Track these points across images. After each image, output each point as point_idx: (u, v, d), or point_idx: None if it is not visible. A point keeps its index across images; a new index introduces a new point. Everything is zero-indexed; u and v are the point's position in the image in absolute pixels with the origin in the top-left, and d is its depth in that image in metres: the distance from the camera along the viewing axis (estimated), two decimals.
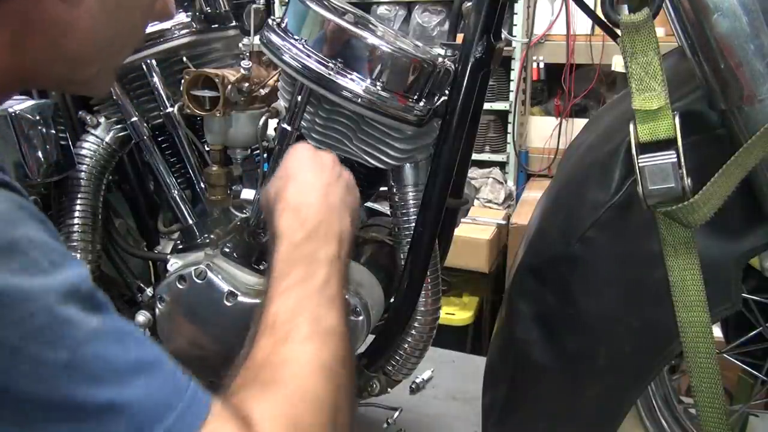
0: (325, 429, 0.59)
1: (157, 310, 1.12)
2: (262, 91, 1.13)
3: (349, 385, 0.66)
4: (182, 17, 1.16)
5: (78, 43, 0.59)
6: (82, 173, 1.20)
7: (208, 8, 1.18)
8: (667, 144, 0.74)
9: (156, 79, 1.17)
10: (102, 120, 1.21)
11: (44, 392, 0.43)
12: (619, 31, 0.74)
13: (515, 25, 3.00)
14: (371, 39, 0.93)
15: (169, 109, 1.18)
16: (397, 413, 1.41)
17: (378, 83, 0.94)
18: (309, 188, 0.80)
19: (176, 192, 1.22)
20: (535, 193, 2.91)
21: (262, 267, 1.11)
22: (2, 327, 0.43)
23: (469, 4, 0.96)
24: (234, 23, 1.23)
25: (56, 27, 0.57)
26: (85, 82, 0.65)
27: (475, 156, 1.46)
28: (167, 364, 0.51)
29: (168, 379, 0.50)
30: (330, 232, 0.77)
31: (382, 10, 3.30)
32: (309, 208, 0.77)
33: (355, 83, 0.93)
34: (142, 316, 1.16)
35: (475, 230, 2.76)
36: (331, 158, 0.87)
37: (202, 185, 1.20)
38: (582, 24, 2.96)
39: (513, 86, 3.07)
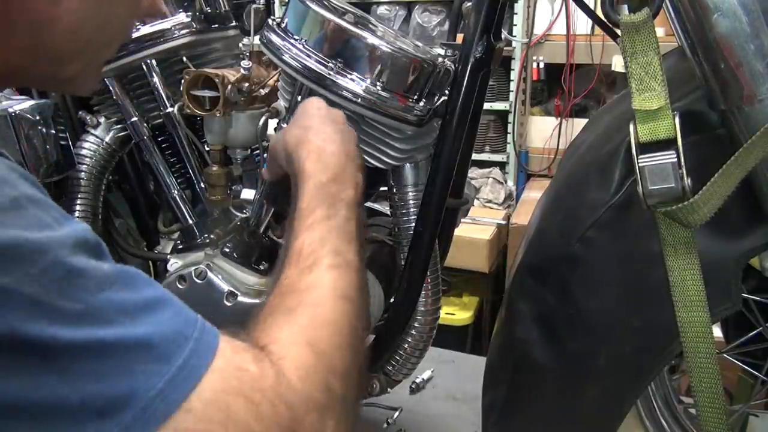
0: (342, 351, 0.61)
1: None
2: (262, 91, 1.13)
3: (364, 312, 0.71)
4: (182, 17, 1.16)
5: (61, 39, 0.58)
6: (82, 173, 1.20)
7: (208, 8, 1.18)
8: (667, 144, 0.74)
9: (156, 79, 1.17)
10: (102, 120, 1.21)
11: (65, 336, 0.44)
12: (619, 31, 0.74)
13: (515, 25, 3.00)
14: (371, 39, 0.93)
15: (169, 109, 1.18)
16: (397, 413, 1.42)
17: (378, 83, 0.94)
18: (329, 137, 0.84)
19: (176, 192, 1.22)
20: (535, 193, 2.91)
21: (262, 267, 1.11)
22: (21, 280, 0.43)
23: (469, 4, 0.96)
24: (234, 23, 1.23)
25: (38, 23, 0.56)
26: (69, 80, 0.64)
27: (475, 156, 1.46)
28: (175, 300, 0.53)
29: (179, 312, 0.52)
30: (349, 178, 0.82)
31: (382, 10, 3.30)
32: (332, 155, 0.82)
33: (355, 83, 0.93)
34: None
35: (475, 230, 2.76)
36: (341, 114, 0.90)
37: (202, 185, 1.20)
38: (582, 24, 2.96)
39: (513, 86, 3.07)
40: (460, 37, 0.98)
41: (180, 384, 0.47)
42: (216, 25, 1.21)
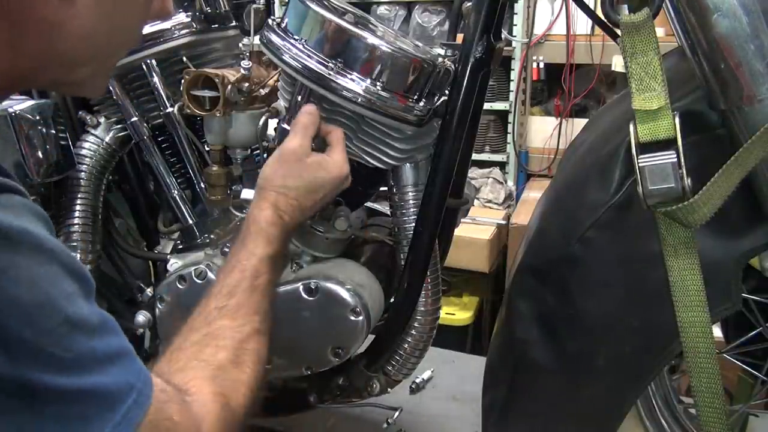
0: (246, 397, 0.72)
1: (157, 310, 1.12)
2: (262, 91, 1.13)
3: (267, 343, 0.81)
4: (182, 17, 1.16)
5: (72, 43, 0.58)
6: (82, 173, 1.20)
7: (208, 8, 1.18)
8: (667, 144, 0.74)
9: (156, 79, 1.17)
10: (102, 120, 1.21)
11: (55, 383, 0.49)
12: (619, 31, 0.74)
13: (515, 25, 3.00)
14: (371, 39, 0.93)
15: (169, 109, 1.18)
16: (397, 413, 1.41)
17: (378, 83, 0.94)
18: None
19: (176, 192, 1.22)
20: (535, 193, 2.91)
21: None
22: (39, 333, 0.48)
23: (469, 4, 0.96)
24: (234, 23, 1.23)
25: (50, 26, 0.56)
26: (79, 83, 0.65)
27: (475, 156, 1.46)
28: (130, 350, 0.57)
29: (133, 362, 0.56)
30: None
31: (382, 10, 3.30)
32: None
33: (355, 83, 0.93)
34: (142, 316, 1.16)
35: (475, 230, 2.75)
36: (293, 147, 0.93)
37: (202, 185, 1.20)
38: (582, 24, 2.96)
39: (513, 86, 3.06)
40: (460, 37, 0.98)
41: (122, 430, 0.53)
42: (216, 25, 1.21)
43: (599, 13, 0.78)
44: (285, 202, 0.89)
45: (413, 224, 1.03)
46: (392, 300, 1.11)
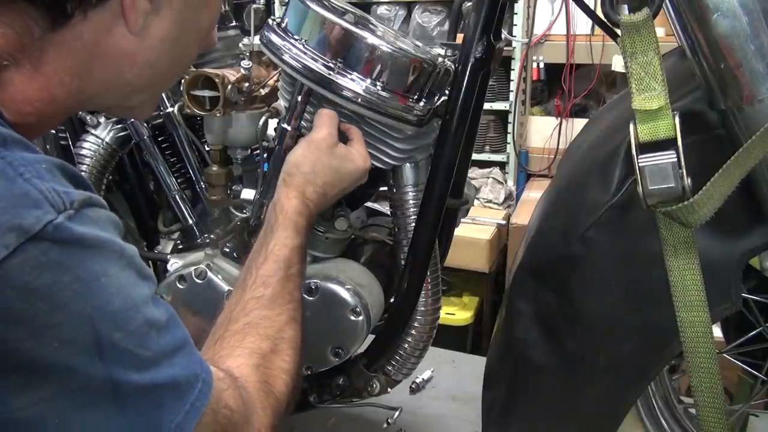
0: (288, 386, 0.74)
1: None
2: (262, 91, 1.13)
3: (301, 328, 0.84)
4: None
5: (137, 73, 0.62)
6: (82, 173, 1.20)
7: None
8: (667, 144, 0.74)
9: None
10: (102, 120, 1.21)
11: (136, 380, 0.53)
12: (619, 31, 0.74)
13: (515, 25, 3.00)
14: (371, 39, 0.93)
15: (169, 109, 1.18)
16: (397, 413, 1.41)
17: (378, 83, 0.94)
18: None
19: (176, 192, 1.22)
20: (535, 193, 2.91)
21: None
22: (126, 336, 0.52)
23: (469, 4, 0.96)
24: (234, 23, 1.23)
25: (121, 58, 0.60)
26: (133, 107, 0.69)
27: (475, 156, 1.46)
28: (190, 339, 0.60)
29: (194, 352, 0.60)
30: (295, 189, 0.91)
31: (382, 10, 3.30)
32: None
33: (355, 83, 0.93)
34: None
35: (475, 230, 2.75)
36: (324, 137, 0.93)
37: (202, 185, 1.20)
38: (582, 24, 2.96)
39: (513, 86, 3.07)
40: (460, 37, 0.98)
41: (189, 419, 0.56)
42: (216, 25, 1.21)
43: (599, 13, 0.78)
44: (312, 190, 0.90)
45: (413, 224, 1.03)
46: (392, 300, 1.11)
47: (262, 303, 0.79)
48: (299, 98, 0.99)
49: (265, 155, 1.10)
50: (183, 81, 1.09)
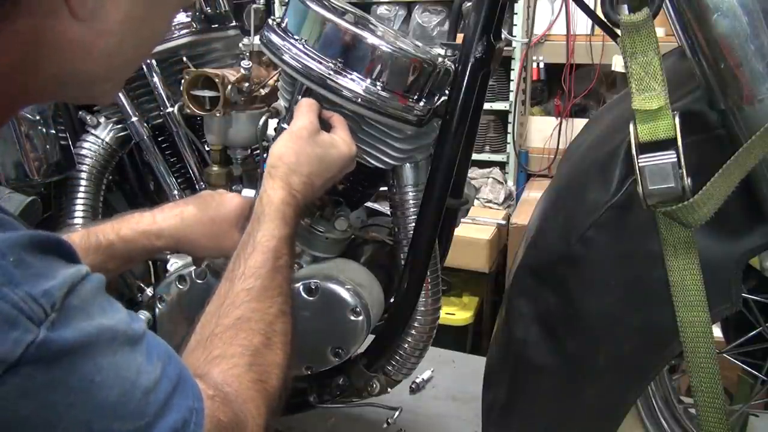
0: (280, 379, 0.73)
1: (157, 310, 1.12)
2: (262, 91, 1.13)
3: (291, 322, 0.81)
4: (182, 17, 1.16)
5: (95, 64, 0.54)
6: (82, 173, 1.20)
7: (208, 8, 1.18)
8: (667, 144, 0.74)
9: (156, 79, 1.17)
10: (102, 120, 1.21)
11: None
12: (619, 31, 0.74)
13: (515, 25, 3.00)
14: (371, 39, 0.93)
15: (169, 109, 1.18)
16: (397, 413, 1.41)
17: (378, 83, 0.94)
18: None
19: (176, 192, 1.22)
20: (535, 193, 2.91)
21: None
22: (113, 420, 0.48)
23: (469, 4, 0.96)
24: (234, 23, 1.23)
25: (72, 49, 0.52)
26: (94, 96, 0.62)
27: (475, 156, 1.46)
28: (183, 365, 0.57)
29: (188, 381, 0.57)
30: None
31: (382, 10, 3.30)
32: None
33: (355, 83, 0.93)
34: (141, 316, 1.16)
35: (475, 230, 2.75)
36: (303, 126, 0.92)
37: (202, 185, 1.19)
38: (582, 24, 2.96)
39: (513, 86, 3.07)
40: (460, 37, 0.98)
41: None
42: (216, 25, 1.21)
43: (599, 13, 0.78)
44: (298, 180, 0.88)
45: (413, 224, 1.03)
46: (392, 300, 1.11)
47: (252, 295, 0.77)
48: (299, 98, 0.99)
49: (265, 155, 1.10)
50: (183, 81, 1.09)
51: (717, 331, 1.06)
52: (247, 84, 1.09)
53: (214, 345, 0.72)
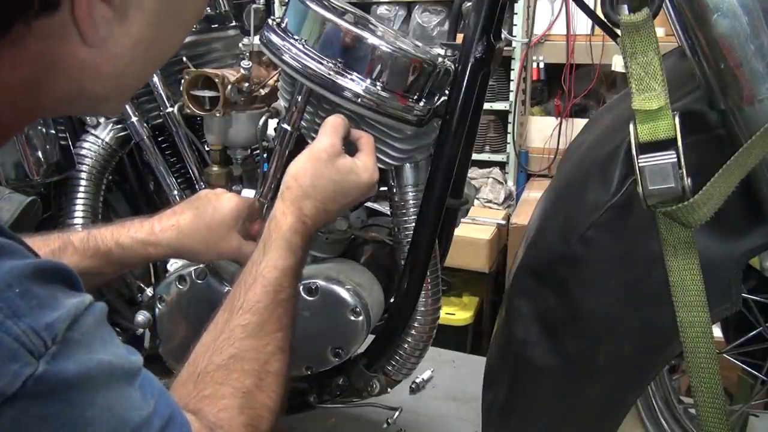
0: (272, 413, 0.73)
1: (156, 310, 1.12)
2: (262, 91, 1.13)
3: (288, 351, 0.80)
4: None
5: (104, 84, 0.55)
6: (82, 173, 1.20)
7: (208, 8, 1.18)
8: (667, 144, 0.74)
9: (156, 79, 1.17)
10: (102, 120, 1.21)
11: None
12: (619, 31, 0.74)
13: (515, 25, 3.00)
14: (371, 39, 0.93)
15: (169, 109, 1.18)
16: (397, 413, 1.41)
17: (378, 83, 0.94)
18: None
19: (176, 192, 1.22)
20: (535, 193, 2.91)
21: None
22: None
23: (469, 4, 0.96)
24: (234, 23, 1.23)
25: (82, 71, 0.52)
26: (100, 112, 0.64)
27: (475, 156, 1.46)
28: (172, 400, 0.57)
29: (176, 416, 0.56)
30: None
31: (382, 10, 3.30)
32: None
33: (355, 83, 0.93)
34: (141, 316, 1.16)
35: (475, 230, 2.76)
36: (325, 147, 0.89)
37: (202, 185, 1.20)
38: (582, 24, 2.96)
39: (513, 86, 3.07)
40: (460, 37, 0.98)
41: None
42: (216, 25, 1.21)
43: (599, 13, 0.78)
44: (311, 205, 0.85)
45: (413, 224, 1.03)
46: (392, 300, 1.11)
47: (248, 332, 0.75)
48: (299, 98, 0.99)
49: (265, 155, 1.11)
50: (183, 81, 1.09)
51: (717, 331, 1.06)
52: (247, 84, 1.09)
53: (206, 383, 0.70)
